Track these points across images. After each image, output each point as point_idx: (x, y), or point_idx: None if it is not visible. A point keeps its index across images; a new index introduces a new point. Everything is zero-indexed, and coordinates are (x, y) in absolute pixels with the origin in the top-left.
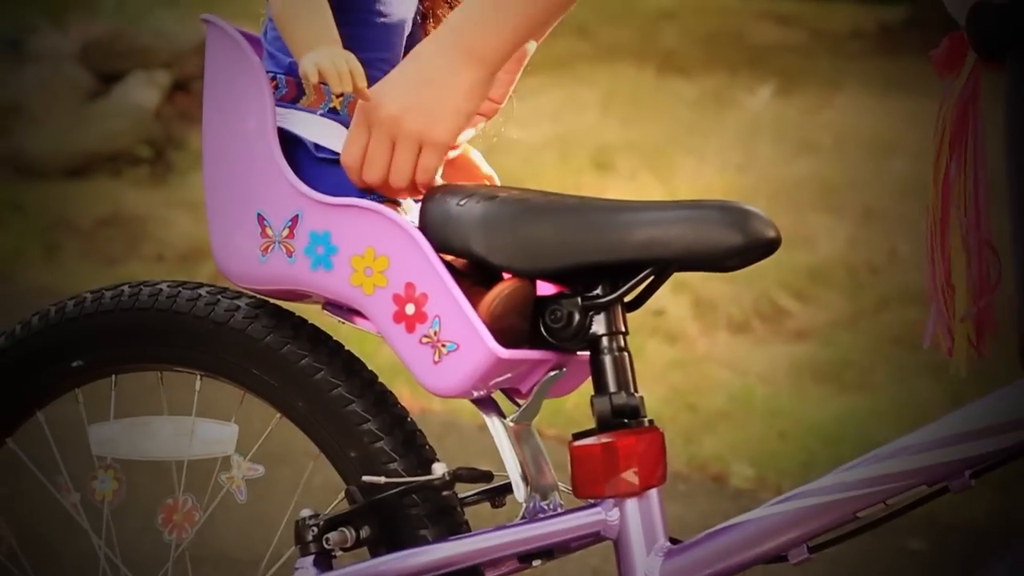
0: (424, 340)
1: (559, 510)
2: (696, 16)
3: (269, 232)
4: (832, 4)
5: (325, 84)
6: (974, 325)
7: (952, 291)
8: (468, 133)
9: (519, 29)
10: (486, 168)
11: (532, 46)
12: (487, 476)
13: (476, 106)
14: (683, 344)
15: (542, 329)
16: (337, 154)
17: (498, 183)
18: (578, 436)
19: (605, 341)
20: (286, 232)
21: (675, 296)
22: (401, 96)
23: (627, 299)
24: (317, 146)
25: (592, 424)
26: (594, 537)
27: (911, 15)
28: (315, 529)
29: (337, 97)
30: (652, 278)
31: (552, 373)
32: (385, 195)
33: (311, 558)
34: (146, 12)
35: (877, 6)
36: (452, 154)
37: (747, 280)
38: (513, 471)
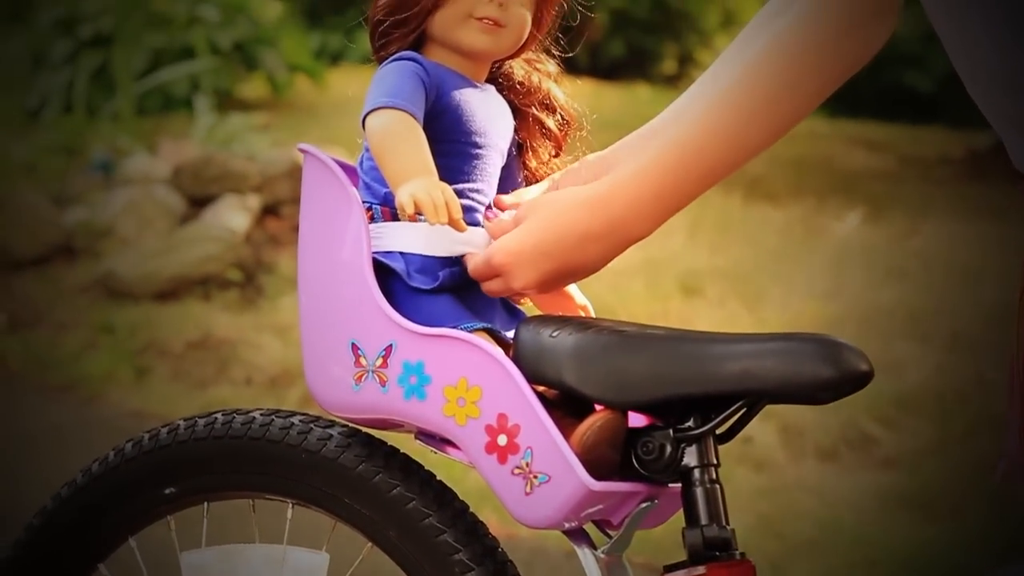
0: (516, 471)
1: None
2: (784, 142)
3: (363, 361)
4: (920, 130)
5: (421, 215)
6: None
7: None
8: None
9: (672, 211)
10: (580, 298)
11: None
12: None
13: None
14: (771, 472)
15: (634, 461)
16: (431, 287)
17: (593, 313)
18: (669, 568)
19: (697, 473)
20: (380, 361)
21: (762, 423)
22: (524, 262)
23: (719, 431)
24: (410, 273)
25: (681, 553)
26: None
27: (999, 140)
28: None
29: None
30: (744, 410)
31: (644, 505)
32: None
33: None
34: (236, 136)
35: (965, 132)
36: None
37: (835, 407)
38: None
